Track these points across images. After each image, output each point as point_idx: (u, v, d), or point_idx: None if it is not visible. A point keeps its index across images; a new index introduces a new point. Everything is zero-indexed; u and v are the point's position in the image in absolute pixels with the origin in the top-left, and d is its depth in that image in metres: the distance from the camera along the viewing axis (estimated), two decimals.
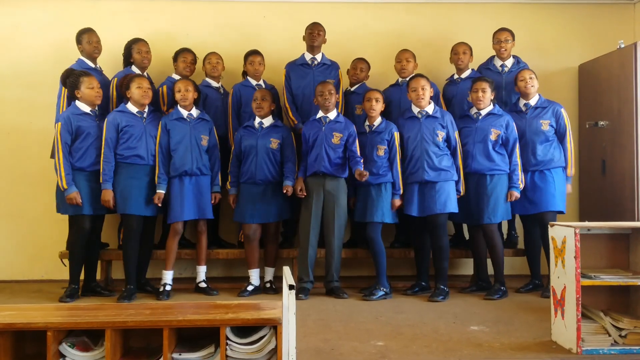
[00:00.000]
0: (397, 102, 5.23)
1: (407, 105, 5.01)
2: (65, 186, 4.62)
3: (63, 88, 4.92)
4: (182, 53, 5.33)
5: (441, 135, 4.82)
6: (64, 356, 2.73)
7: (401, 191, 4.83)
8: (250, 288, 4.96)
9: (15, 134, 5.71)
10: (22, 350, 2.85)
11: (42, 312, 2.97)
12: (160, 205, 4.83)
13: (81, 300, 4.76)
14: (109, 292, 4.97)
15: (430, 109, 4.88)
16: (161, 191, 4.80)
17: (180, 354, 2.76)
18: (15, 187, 5.70)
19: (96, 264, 5.05)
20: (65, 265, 4.88)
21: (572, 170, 5.00)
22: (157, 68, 5.47)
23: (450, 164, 4.82)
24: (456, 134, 4.87)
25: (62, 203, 4.73)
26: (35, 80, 5.64)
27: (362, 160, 4.80)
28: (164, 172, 4.82)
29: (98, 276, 5.10)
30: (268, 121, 5.01)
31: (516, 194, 4.83)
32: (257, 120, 5.00)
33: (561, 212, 4.95)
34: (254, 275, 5.01)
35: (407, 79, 5.10)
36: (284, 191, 4.87)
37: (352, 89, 5.42)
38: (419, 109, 4.88)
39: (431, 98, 4.95)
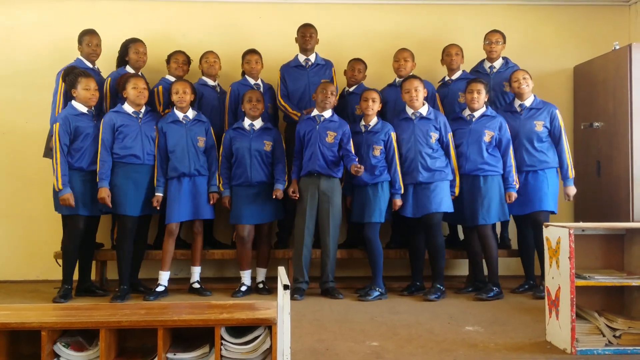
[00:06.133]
0: (393, 102, 5.22)
1: (402, 105, 5.01)
2: (60, 187, 4.61)
3: (60, 85, 4.92)
4: (174, 55, 5.33)
5: (434, 136, 4.83)
6: (58, 356, 2.73)
7: (402, 190, 4.83)
8: (243, 289, 4.95)
9: (12, 134, 5.70)
10: (17, 350, 2.84)
11: (37, 312, 2.97)
12: (158, 208, 4.83)
13: (76, 301, 4.75)
14: (103, 292, 4.97)
15: (424, 110, 4.88)
16: (159, 194, 4.80)
17: (174, 354, 2.76)
18: (11, 187, 5.69)
19: (91, 264, 5.04)
20: (60, 266, 4.86)
21: (572, 172, 4.95)
22: (153, 68, 5.46)
23: (444, 165, 4.82)
24: (449, 136, 4.87)
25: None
26: (32, 80, 5.62)
27: (357, 159, 4.79)
28: (162, 175, 4.83)
29: (93, 276, 5.09)
30: (259, 123, 5.00)
31: (514, 195, 4.84)
32: (247, 122, 4.99)
33: (552, 212, 4.97)
34: (246, 276, 5.00)
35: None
36: (273, 196, 4.88)
37: (351, 90, 5.41)
38: (412, 111, 4.89)
39: (426, 99, 4.97)
